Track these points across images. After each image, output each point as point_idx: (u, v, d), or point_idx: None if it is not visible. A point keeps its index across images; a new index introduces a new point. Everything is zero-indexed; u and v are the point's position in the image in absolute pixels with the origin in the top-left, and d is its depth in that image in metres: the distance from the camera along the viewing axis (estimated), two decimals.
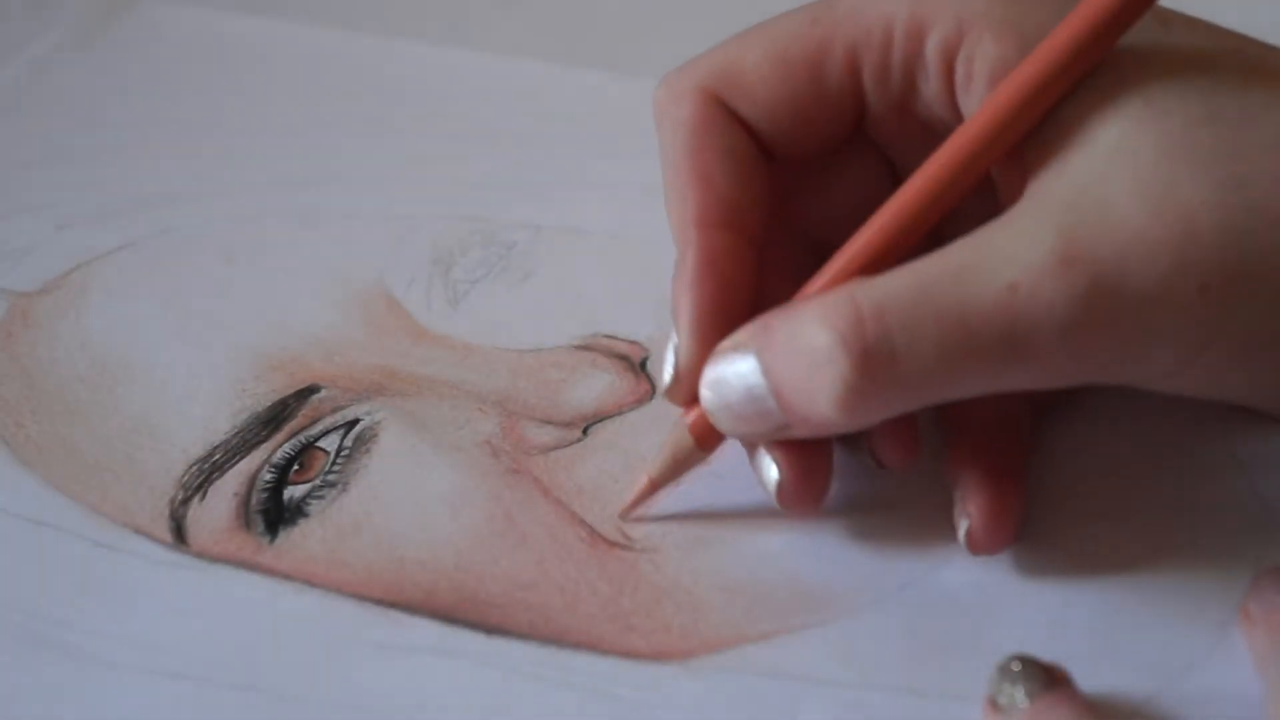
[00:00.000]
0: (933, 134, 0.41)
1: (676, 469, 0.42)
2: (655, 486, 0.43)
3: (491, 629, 0.41)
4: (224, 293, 0.51)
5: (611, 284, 0.51)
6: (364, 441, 0.45)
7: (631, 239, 0.52)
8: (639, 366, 0.48)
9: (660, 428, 0.44)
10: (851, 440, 0.42)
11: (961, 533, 0.41)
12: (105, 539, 0.44)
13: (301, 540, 0.43)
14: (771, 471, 0.41)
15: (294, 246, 0.53)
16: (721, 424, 0.40)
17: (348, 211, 0.54)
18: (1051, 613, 0.40)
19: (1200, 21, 0.41)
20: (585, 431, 0.46)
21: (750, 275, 0.42)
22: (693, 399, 0.41)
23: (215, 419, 0.46)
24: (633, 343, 0.48)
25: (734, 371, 0.39)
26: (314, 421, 0.46)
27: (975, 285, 0.37)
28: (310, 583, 0.42)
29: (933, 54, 0.41)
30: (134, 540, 0.44)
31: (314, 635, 0.41)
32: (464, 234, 0.52)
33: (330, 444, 0.45)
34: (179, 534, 0.44)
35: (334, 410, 0.46)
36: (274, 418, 0.46)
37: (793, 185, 0.44)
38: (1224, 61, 0.39)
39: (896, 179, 0.43)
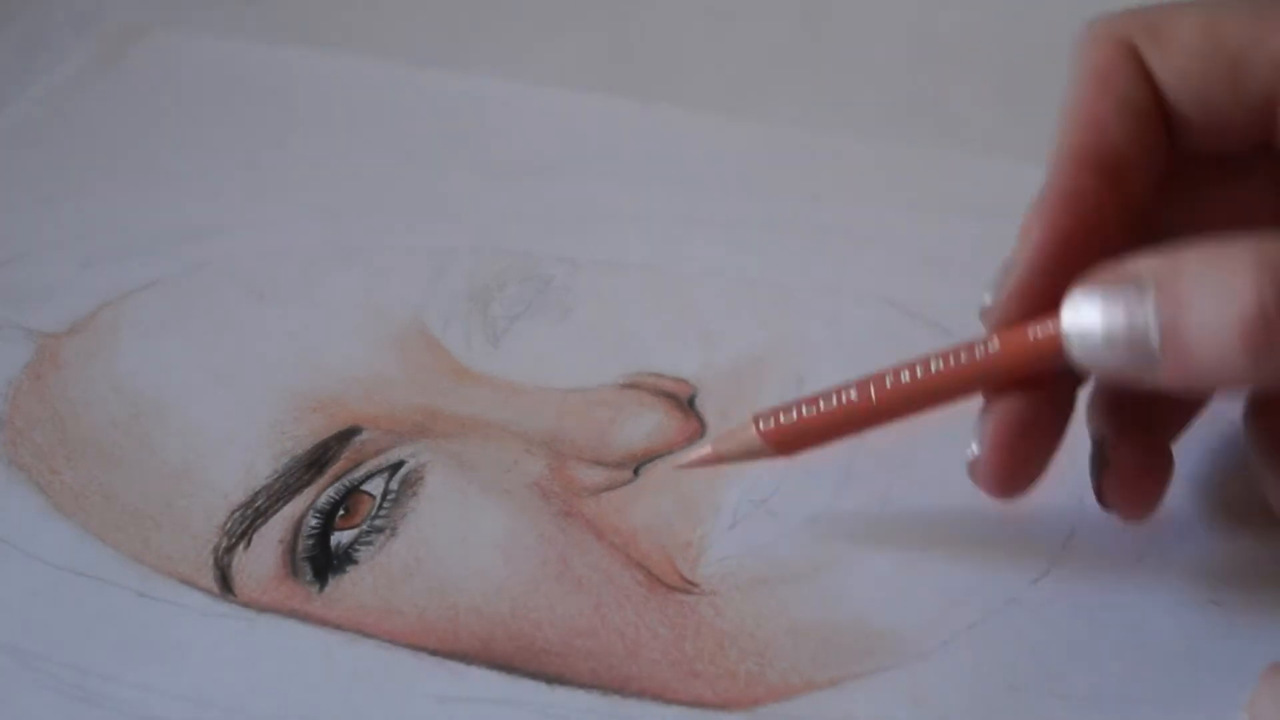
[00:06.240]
0: None
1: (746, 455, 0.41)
2: (720, 459, 0.42)
3: (553, 679, 0.40)
4: (257, 331, 0.50)
5: (652, 318, 0.50)
6: (410, 484, 0.44)
7: (670, 271, 0.51)
8: (687, 404, 0.47)
9: (712, 466, 0.43)
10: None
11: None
12: (150, 589, 0.42)
13: (352, 588, 0.42)
14: (972, 446, 0.39)
15: (326, 282, 0.51)
16: (1078, 350, 0.37)
17: (379, 245, 0.53)
18: (1126, 655, 0.40)
19: None
20: (636, 472, 0.45)
21: (1111, 228, 0.39)
22: (1003, 325, 0.39)
23: (255, 463, 0.45)
24: (679, 380, 0.47)
25: (1124, 297, 0.36)
26: (357, 464, 0.45)
27: None
28: (363, 632, 0.41)
29: None
30: (180, 590, 0.42)
31: (372, 687, 0.40)
32: (500, 268, 0.51)
33: (375, 487, 0.44)
34: (225, 583, 0.43)
35: (377, 453, 0.45)
36: (315, 461, 0.45)
37: (1179, 185, 0.41)
38: None
39: None
